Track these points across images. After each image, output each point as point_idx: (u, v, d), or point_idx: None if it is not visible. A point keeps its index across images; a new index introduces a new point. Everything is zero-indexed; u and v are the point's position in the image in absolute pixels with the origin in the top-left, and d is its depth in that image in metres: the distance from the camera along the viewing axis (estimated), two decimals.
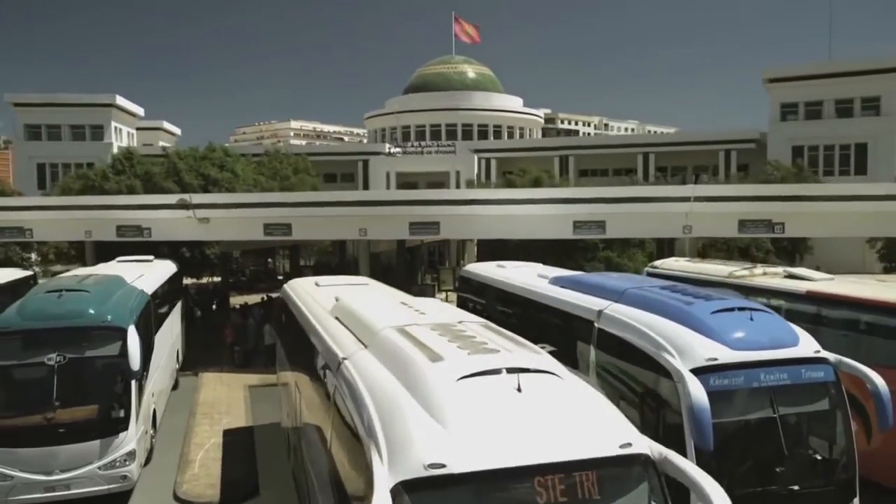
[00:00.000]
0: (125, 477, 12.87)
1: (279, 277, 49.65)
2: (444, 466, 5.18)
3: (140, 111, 61.85)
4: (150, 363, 15.62)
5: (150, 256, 23.16)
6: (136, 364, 12.74)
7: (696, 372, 8.89)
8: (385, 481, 5.12)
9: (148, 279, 18.37)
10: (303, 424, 11.06)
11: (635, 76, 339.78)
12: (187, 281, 31.49)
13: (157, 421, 16.44)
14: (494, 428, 5.51)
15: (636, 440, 5.80)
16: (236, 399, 20.54)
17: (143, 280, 17.85)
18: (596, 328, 11.96)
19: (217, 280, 40.70)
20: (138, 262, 21.18)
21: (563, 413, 5.81)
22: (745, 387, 9.08)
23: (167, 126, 70.35)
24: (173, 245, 28.65)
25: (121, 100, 57.66)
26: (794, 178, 37.63)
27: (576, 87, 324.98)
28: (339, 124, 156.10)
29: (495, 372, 6.20)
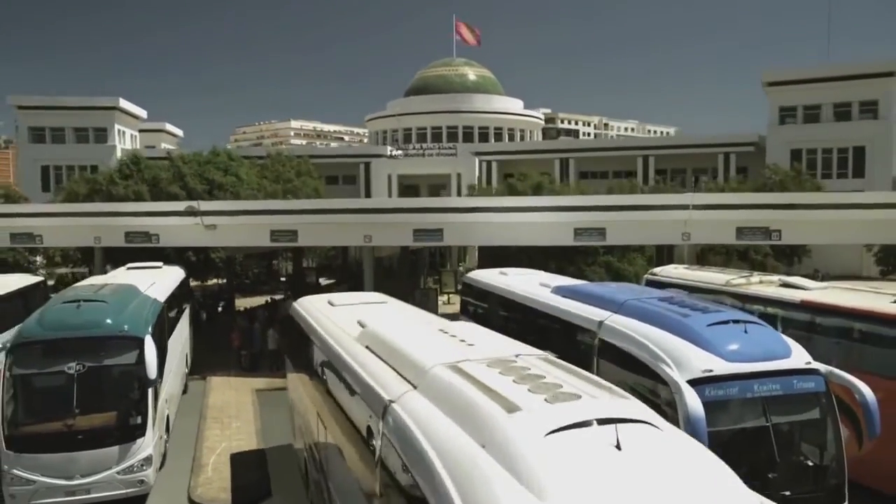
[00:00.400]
0: (142, 481, 13.36)
1: (282, 279, 50.15)
2: None
3: (143, 113, 62.09)
4: (164, 369, 16.05)
5: (160, 263, 23.55)
6: (152, 372, 13.29)
7: (693, 383, 9.43)
8: None
9: (160, 287, 18.83)
10: (331, 469, 10.15)
11: (635, 76, 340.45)
12: (193, 284, 31.87)
13: (169, 425, 16.90)
14: (598, 498, 4.69)
15: None
16: (244, 403, 21.03)
17: (156, 288, 18.30)
18: (597, 338, 12.44)
19: (222, 282, 41.10)
20: (149, 270, 21.60)
21: (672, 477, 4.99)
22: (739, 397, 9.59)
23: (169, 128, 70.66)
24: (179, 249, 29.10)
25: (124, 102, 57.86)
26: (792, 182, 37.93)
27: (576, 87, 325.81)
28: (340, 124, 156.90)
29: (585, 424, 5.43)
